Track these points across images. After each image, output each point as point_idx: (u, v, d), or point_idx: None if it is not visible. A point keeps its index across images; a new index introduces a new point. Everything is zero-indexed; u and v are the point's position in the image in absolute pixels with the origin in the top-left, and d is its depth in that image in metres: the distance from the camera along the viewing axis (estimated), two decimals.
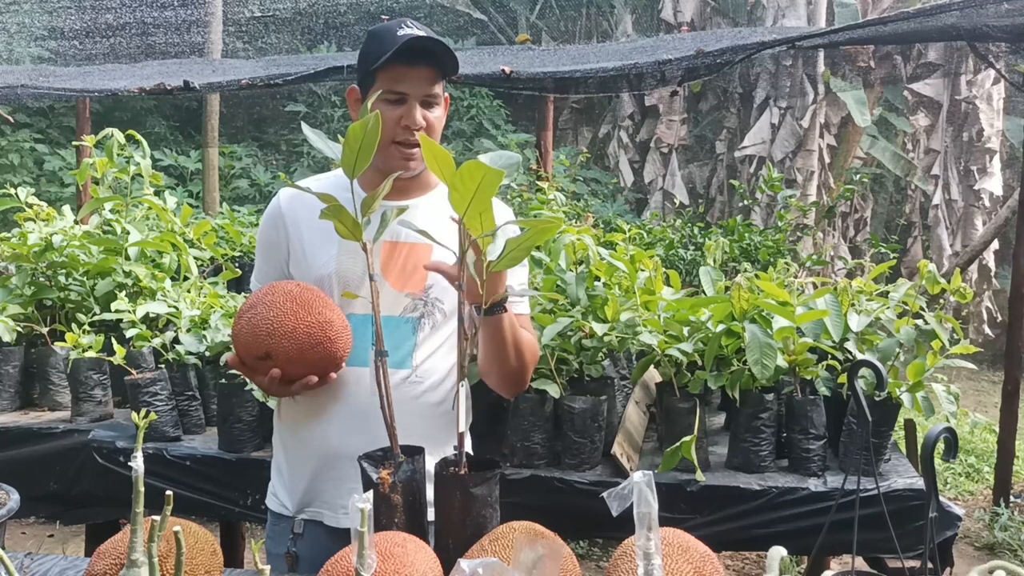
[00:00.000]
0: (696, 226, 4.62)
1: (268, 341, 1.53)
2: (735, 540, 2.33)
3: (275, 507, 1.81)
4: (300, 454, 1.76)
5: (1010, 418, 4.64)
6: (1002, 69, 4.65)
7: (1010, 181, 9.28)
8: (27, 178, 8.62)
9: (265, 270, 1.79)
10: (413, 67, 1.61)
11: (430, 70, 1.64)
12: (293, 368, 1.55)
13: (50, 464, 2.60)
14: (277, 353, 1.53)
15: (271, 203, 1.78)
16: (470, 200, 1.34)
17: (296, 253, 1.73)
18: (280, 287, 1.59)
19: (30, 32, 7.08)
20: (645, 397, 2.70)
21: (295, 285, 1.59)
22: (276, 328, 1.53)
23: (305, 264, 1.71)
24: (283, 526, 1.78)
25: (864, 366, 1.56)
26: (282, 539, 1.77)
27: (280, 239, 1.74)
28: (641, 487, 1.07)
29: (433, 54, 1.62)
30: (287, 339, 1.52)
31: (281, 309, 1.54)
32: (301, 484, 1.75)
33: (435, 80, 1.65)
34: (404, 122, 1.63)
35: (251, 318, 1.55)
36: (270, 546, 1.81)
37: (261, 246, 1.80)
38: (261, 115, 10.91)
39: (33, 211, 3.13)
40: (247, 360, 1.58)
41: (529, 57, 4.98)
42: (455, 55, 1.63)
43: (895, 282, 2.52)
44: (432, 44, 1.61)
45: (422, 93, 1.64)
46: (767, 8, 9.09)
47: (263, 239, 1.79)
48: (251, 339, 1.55)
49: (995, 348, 8.44)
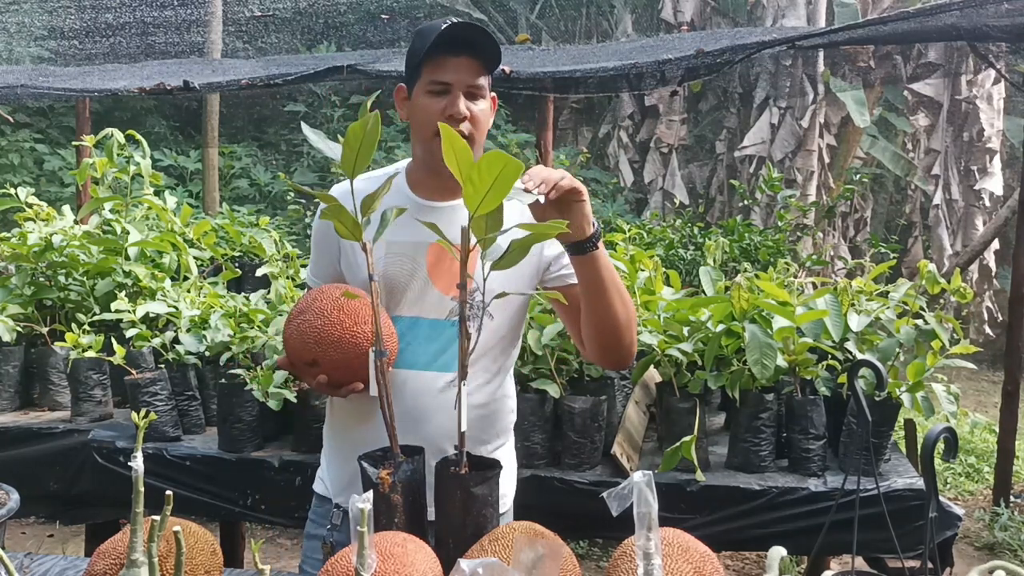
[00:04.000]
0: (696, 226, 4.62)
1: (316, 349, 1.55)
2: (735, 540, 2.33)
3: (320, 490, 1.84)
4: (348, 448, 1.74)
5: (1010, 418, 4.63)
6: (1002, 69, 4.65)
7: (1010, 181, 9.28)
8: (27, 178, 8.61)
9: (319, 264, 1.80)
10: (455, 56, 1.59)
11: (473, 61, 1.61)
12: (340, 375, 1.57)
13: (50, 464, 2.60)
14: (324, 361, 1.56)
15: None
16: (484, 195, 1.32)
17: (346, 252, 1.72)
18: (328, 293, 1.60)
19: (30, 32, 7.08)
20: (645, 397, 2.70)
21: (340, 292, 1.60)
22: (323, 337, 1.55)
23: (355, 264, 1.70)
24: (326, 508, 1.80)
25: (864, 366, 1.56)
26: (323, 522, 1.79)
27: (331, 236, 1.70)
28: (641, 487, 1.07)
29: (475, 44, 1.60)
30: (333, 348, 1.55)
31: (329, 318, 1.55)
32: (345, 476, 1.76)
33: (479, 72, 1.62)
34: (448, 112, 1.60)
35: (300, 324, 1.58)
36: (310, 527, 1.83)
37: (315, 241, 1.80)
38: (261, 115, 10.90)
39: (33, 211, 3.13)
40: (297, 364, 1.61)
41: (529, 57, 4.98)
42: (497, 45, 1.61)
43: (895, 282, 2.52)
44: (473, 33, 1.59)
45: (465, 83, 1.61)
46: (767, 8, 9.08)
47: (317, 234, 1.79)
48: (300, 345, 1.57)
49: (995, 348, 8.44)
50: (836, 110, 9.19)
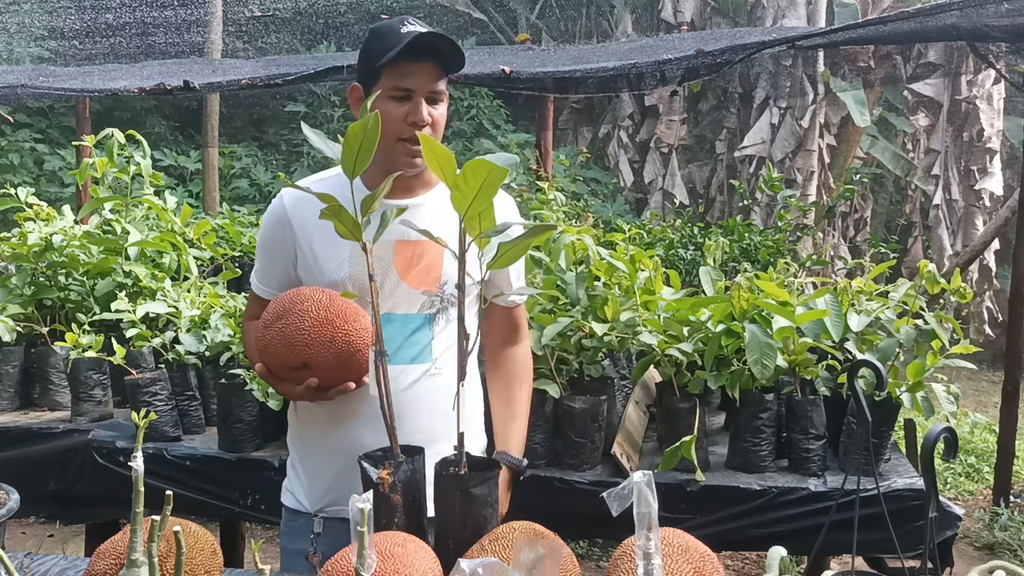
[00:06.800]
0: (696, 226, 4.62)
1: (306, 351, 1.53)
2: (735, 540, 2.33)
3: (291, 503, 1.81)
4: (324, 453, 1.75)
5: (1010, 418, 4.63)
6: (1002, 69, 4.65)
7: (1010, 181, 9.27)
8: (27, 178, 8.61)
9: (269, 271, 1.77)
10: (419, 63, 1.61)
11: (435, 66, 1.64)
12: (332, 376, 1.56)
13: (50, 464, 2.61)
14: (316, 363, 1.54)
15: (273, 203, 1.76)
16: (472, 199, 1.33)
17: (305, 256, 1.71)
18: (308, 295, 1.57)
19: (30, 32, 7.08)
20: (645, 397, 2.70)
21: (323, 293, 1.58)
22: (314, 338, 1.52)
23: (316, 268, 1.70)
24: (300, 522, 1.78)
25: (864, 366, 1.56)
26: (299, 535, 1.77)
27: (286, 241, 1.72)
28: (641, 487, 1.07)
29: (438, 51, 1.62)
30: (326, 348, 1.53)
31: (317, 319, 1.53)
32: (323, 482, 1.75)
33: (440, 76, 1.65)
34: (411, 119, 1.63)
35: (283, 328, 1.54)
36: (286, 542, 1.81)
37: (264, 246, 1.78)
38: (261, 115, 10.90)
39: (33, 211, 3.13)
40: (278, 370, 1.58)
41: (529, 57, 4.98)
42: (462, 51, 1.63)
43: (895, 282, 2.52)
44: (439, 41, 1.61)
45: (427, 89, 1.64)
46: (767, 8, 9.08)
47: (266, 239, 1.77)
48: (286, 350, 1.54)
49: (995, 348, 8.44)
50: (836, 110, 9.19)
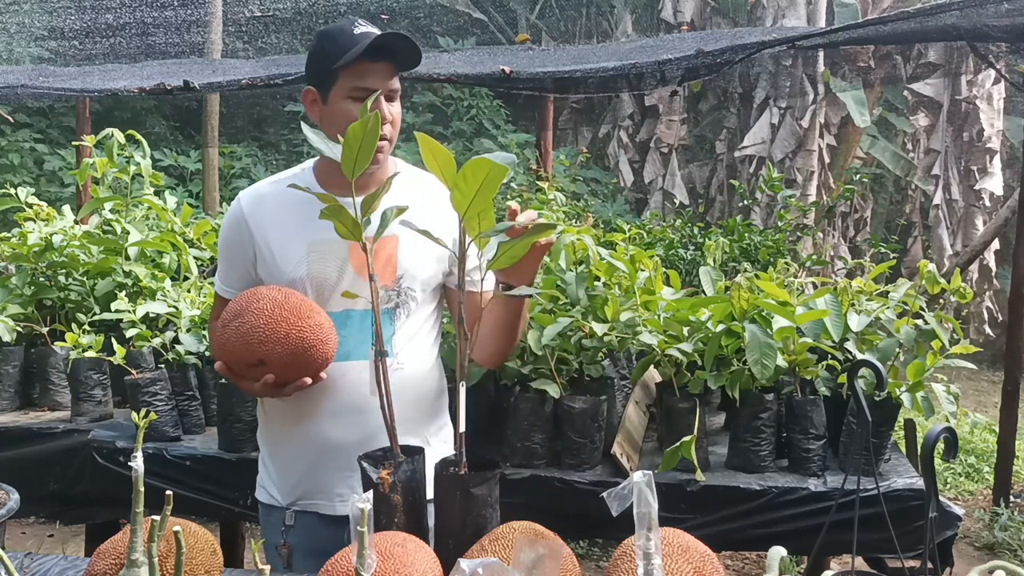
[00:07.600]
0: (696, 226, 4.61)
1: (261, 348, 1.57)
2: (735, 540, 2.33)
3: (265, 499, 1.87)
4: (291, 449, 1.80)
5: (1010, 418, 4.63)
6: (1002, 69, 4.65)
7: (1010, 181, 9.26)
8: (27, 178, 8.61)
9: (230, 273, 1.82)
10: (376, 63, 1.67)
11: (391, 65, 1.70)
12: (287, 372, 1.60)
13: (50, 464, 2.60)
14: (272, 359, 1.57)
15: (232, 206, 1.82)
16: (472, 199, 1.33)
17: (263, 256, 1.76)
18: (264, 294, 1.62)
19: (30, 32, 7.08)
20: (645, 397, 2.69)
21: (278, 291, 1.63)
22: (269, 335, 1.56)
23: (275, 266, 1.75)
24: (275, 517, 1.84)
25: (864, 366, 1.56)
26: (275, 529, 1.83)
27: (244, 242, 1.77)
28: (641, 487, 1.08)
29: (392, 50, 1.67)
30: (281, 345, 1.57)
31: (271, 316, 1.57)
32: (293, 477, 1.80)
33: (394, 74, 1.72)
34: None
35: (239, 327, 1.58)
36: (266, 536, 1.86)
37: (224, 249, 1.83)
38: (261, 115, 10.90)
39: (33, 211, 3.13)
40: (236, 368, 1.63)
41: (529, 57, 4.98)
42: (419, 50, 1.68)
43: (895, 282, 2.52)
44: (395, 40, 1.66)
45: (386, 88, 1.69)
46: (767, 8, 9.07)
47: (226, 242, 1.82)
48: (242, 347, 1.58)
49: (995, 348, 8.43)
50: (836, 110, 9.19)
